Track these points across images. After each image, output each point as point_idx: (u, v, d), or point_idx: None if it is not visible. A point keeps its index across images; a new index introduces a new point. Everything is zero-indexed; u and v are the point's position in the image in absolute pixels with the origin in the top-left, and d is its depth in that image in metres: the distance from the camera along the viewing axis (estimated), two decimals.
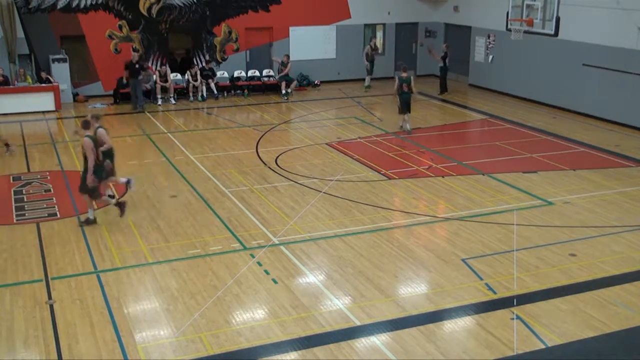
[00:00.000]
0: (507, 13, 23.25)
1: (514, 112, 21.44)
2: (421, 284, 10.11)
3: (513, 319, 8.98)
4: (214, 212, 12.80)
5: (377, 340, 8.50)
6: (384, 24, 27.08)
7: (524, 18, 22.37)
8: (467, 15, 25.95)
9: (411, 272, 10.40)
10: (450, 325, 8.95)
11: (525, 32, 22.25)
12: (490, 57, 24.74)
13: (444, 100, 23.39)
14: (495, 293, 9.70)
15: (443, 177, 14.92)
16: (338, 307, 9.30)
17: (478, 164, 15.83)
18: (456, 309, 9.29)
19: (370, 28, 26.89)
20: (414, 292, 9.86)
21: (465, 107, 22.54)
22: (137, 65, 21.74)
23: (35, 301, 9.41)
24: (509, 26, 22.97)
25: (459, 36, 26.55)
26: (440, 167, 15.66)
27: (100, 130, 12.25)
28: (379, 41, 26.83)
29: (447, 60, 23.89)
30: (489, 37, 24.75)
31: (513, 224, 12.18)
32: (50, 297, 9.51)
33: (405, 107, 18.48)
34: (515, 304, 9.37)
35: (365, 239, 11.57)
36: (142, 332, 8.65)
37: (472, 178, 14.86)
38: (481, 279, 10.14)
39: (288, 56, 24.24)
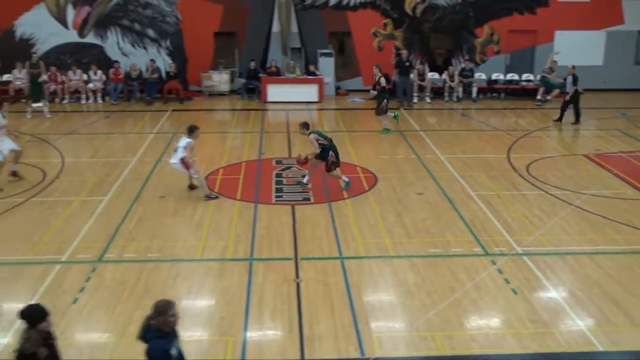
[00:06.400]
0: None
1: None
2: None
3: None
4: (459, 213, 12.78)
5: None
6: None
7: None
8: None
9: None
10: None
11: None
12: None
13: None
14: None
15: None
16: (580, 327, 8.83)
17: None
18: None
19: None
20: None
21: None
22: (407, 63, 22.34)
23: (284, 277, 10.09)
24: None
25: None
26: None
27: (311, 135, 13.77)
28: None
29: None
30: None
31: None
32: (297, 276, 10.16)
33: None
34: None
35: (617, 260, 10.81)
36: (378, 321, 8.91)
37: None
38: None
39: (555, 62, 23.27)
